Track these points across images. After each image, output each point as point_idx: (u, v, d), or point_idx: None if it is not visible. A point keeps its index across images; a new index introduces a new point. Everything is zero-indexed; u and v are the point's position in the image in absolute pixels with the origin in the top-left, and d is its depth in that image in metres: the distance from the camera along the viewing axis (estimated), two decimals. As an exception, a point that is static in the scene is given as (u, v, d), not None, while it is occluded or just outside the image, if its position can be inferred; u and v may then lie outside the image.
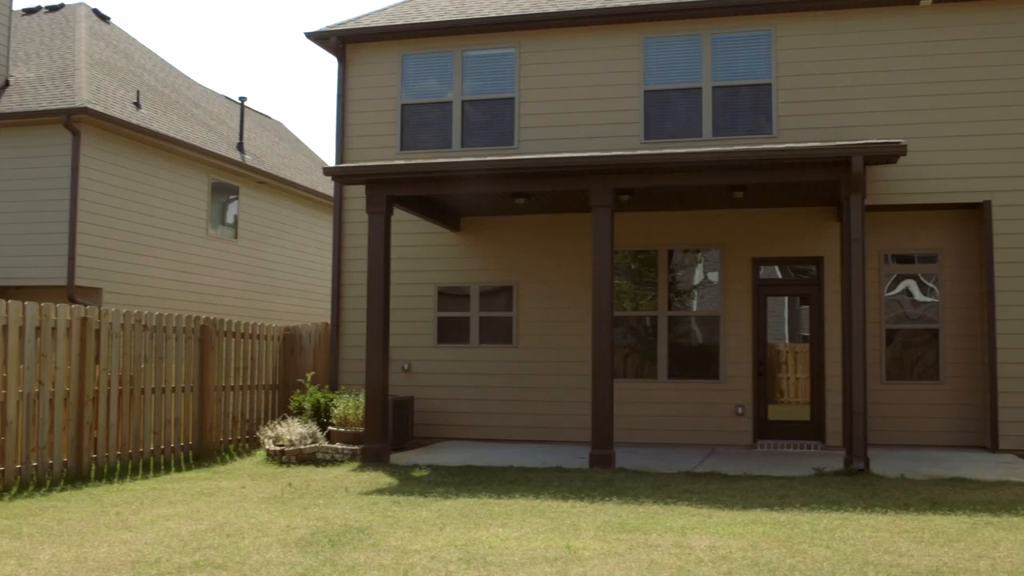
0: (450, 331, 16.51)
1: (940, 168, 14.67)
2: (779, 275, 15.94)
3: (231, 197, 22.44)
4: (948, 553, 7.58)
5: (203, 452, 14.30)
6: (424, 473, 12.33)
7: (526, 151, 15.96)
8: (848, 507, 9.62)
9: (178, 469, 13.31)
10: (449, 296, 16.62)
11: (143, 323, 13.36)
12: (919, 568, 7.08)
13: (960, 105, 14.78)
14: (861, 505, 9.73)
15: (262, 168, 23.17)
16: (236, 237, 22.57)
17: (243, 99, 24.31)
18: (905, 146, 12.18)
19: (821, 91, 15.20)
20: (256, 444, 15.42)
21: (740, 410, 15.35)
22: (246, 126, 24.68)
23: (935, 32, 14.96)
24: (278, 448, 13.70)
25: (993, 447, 14.30)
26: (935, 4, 14.92)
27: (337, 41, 16.93)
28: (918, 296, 15.38)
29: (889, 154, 12.33)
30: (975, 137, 14.68)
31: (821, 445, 14.98)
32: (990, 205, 14.56)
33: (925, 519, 9.02)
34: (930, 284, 15.28)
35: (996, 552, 7.62)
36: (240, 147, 23.26)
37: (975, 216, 15.04)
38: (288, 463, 13.50)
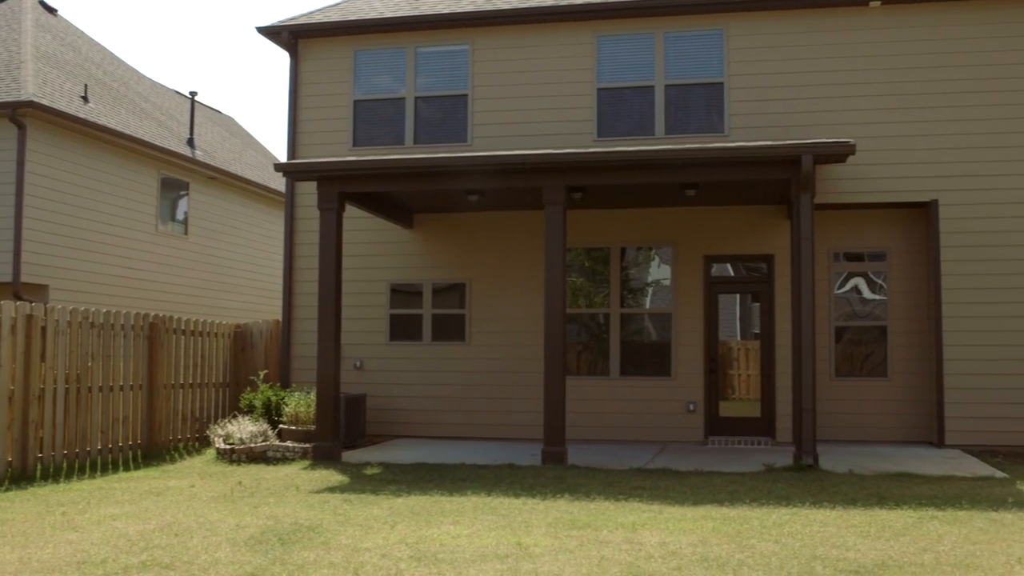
0: (403, 328, 16.45)
1: (889, 167, 14.86)
2: (731, 272, 16.05)
3: (181, 193, 22.19)
4: (894, 547, 7.68)
5: (152, 451, 14.14)
6: (376, 471, 12.27)
7: (479, 148, 15.95)
8: (797, 502, 9.72)
9: (126, 468, 13.13)
10: (402, 293, 16.56)
11: (90, 320, 13.17)
12: (865, 562, 7.17)
13: (908, 105, 14.98)
14: (810, 500, 9.83)
15: (213, 164, 22.93)
16: (186, 233, 22.32)
17: (193, 94, 24.03)
18: (854, 145, 12.32)
19: (772, 90, 15.33)
20: (206, 443, 15.27)
21: (691, 407, 15.44)
22: (196, 121, 24.40)
23: (884, 33, 15.14)
24: (228, 447, 13.57)
25: (939, 442, 14.50)
26: (884, 5, 15.10)
27: (289, 36, 16.80)
28: (867, 294, 15.56)
29: (838, 153, 12.46)
30: (923, 137, 14.88)
31: (771, 441, 15.12)
32: (937, 204, 14.76)
33: (872, 514, 9.13)
34: (879, 282, 15.47)
35: (940, 545, 7.73)
36: (190, 142, 23.00)
37: (922, 215, 15.25)
38: (238, 462, 13.37)
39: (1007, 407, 14.31)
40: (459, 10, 16.32)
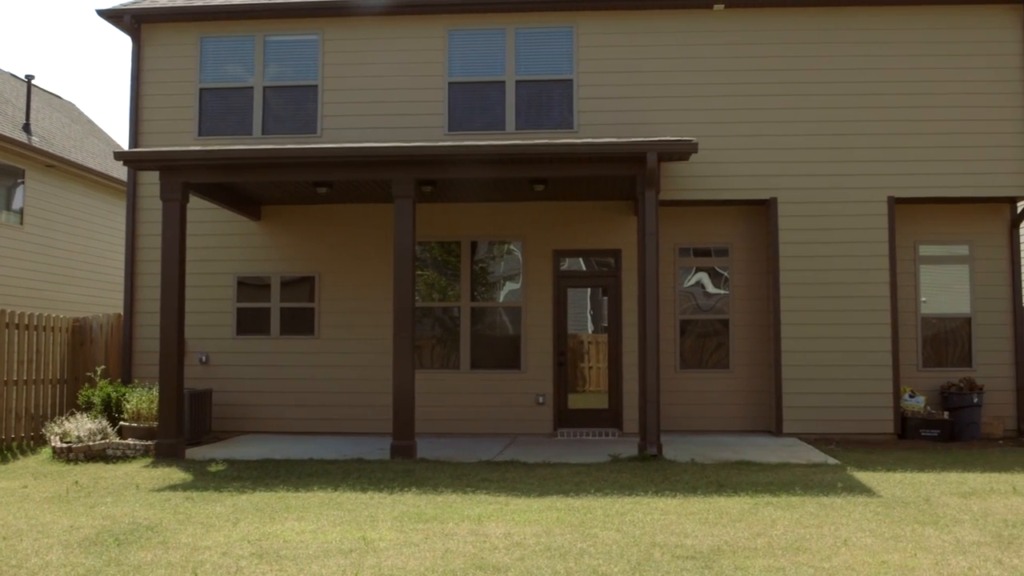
0: (250, 322, 16.14)
1: (731, 166, 15.33)
2: (583, 267, 16.27)
3: (17, 181, 21.24)
4: (730, 532, 7.94)
5: (-18, 451, 13.51)
6: (220, 468, 12.02)
7: (329, 140, 15.78)
8: (640, 491, 9.94)
9: (-47, 469, 12.53)
10: (249, 286, 16.24)
11: (-86, 314, 12.49)
12: (702, 547, 7.39)
13: (749, 106, 15.48)
14: (652, 489, 10.07)
15: (51, 151, 22.01)
16: (22, 224, 21.37)
17: (30, 77, 23.04)
18: (696, 144, 12.64)
19: (620, 88, 15.62)
20: (42, 442, 14.67)
21: (541, 399, 15.62)
22: (34, 106, 23.40)
23: (727, 35, 15.60)
24: (65, 445, 13.07)
25: (778, 431, 15.06)
26: (727, 8, 15.55)
27: (131, 20, 16.26)
28: (710, 288, 16.03)
29: (681, 151, 12.77)
30: (763, 137, 15.40)
31: (619, 432, 15.41)
32: (776, 202, 15.30)
33: (711, 501, 9.42)
34: (725, 274, 15.95)
35: (774, 530, 8.03)
36: (27, 128, 22.03)
37: (763, 212, 15.79)
38: (76, 461, 12.90)
39: (840, 397, 14.96)
40: (309, -1, 16.08)
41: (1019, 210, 15.64)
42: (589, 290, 16.42)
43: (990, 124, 15.28)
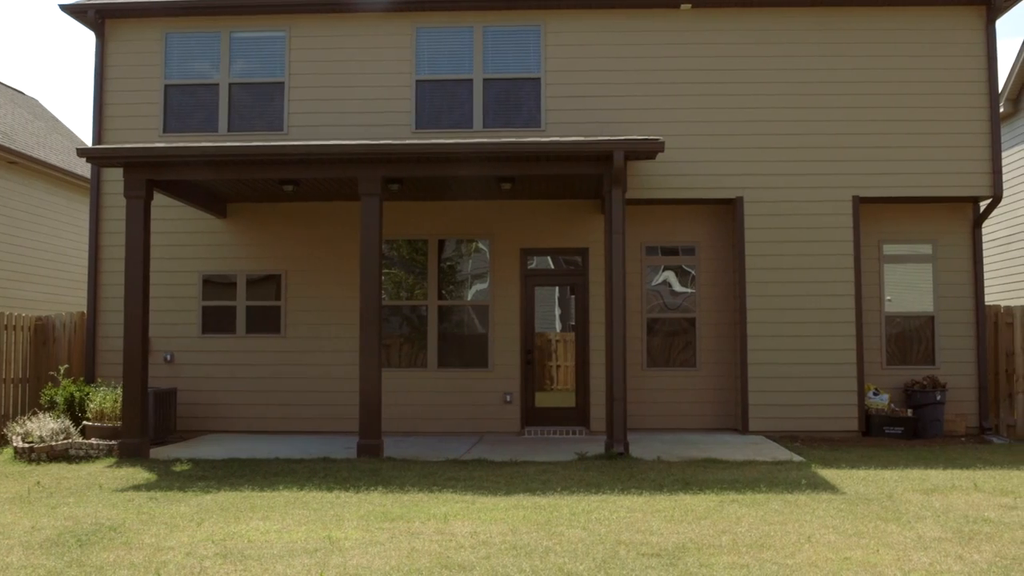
0: (216, 321, 16.03)
1: (698, 165, 15.39)
2: (550, 265, 16.27)
3: (-22, 178, 20.98)
4: (695, 530, 7.97)
5: (-58, 451, 13.33)
6: (185, 467, 11.93)
7: (296, 137, 15.69)
8: (606, 490, 9.96)
9: (-88, 470, 12.35)
10: (215, 284, 16.12)
11: None
12: (667, 545, 7.41)
13: (716, 106, 15.55)
14: (619, 487, 10.09)
15: (13, 147, 21.74)
16: (-16, 221, 21.12)
17: (-8, 74, 22.80)
18: (663, 143, 12.68)
19: (588, 87, 15.64)
20: (4, 442, 14.51)
21: (508, 398, 15.62)
22: (-4, 103, 23.11)
23: (694, 35, 15.66)
24: (27, 445, 12.92)
25: (744, 429, 15.14)
26: (694, 8, 15.61)
27: (95, 15, 16.10)
28: (677, 287, 16.08)
29: (648, 150, 12.80)
30: (730, 136, 15.47)
31: (586, 431, 15.44)
32: (742, 201, 15.38)
33: (677, 499, 9.45)
34: (692, 273, 16.01)
35: (738, 527, 8.07)
36: (-11, 125, 21.78)
37: (729, 211, 15.86)
38: (38, 461, 12.76)
39: (805, 394, 15.05)
40: (276, -4, 15.98)
41: (981, 210, 15.79)
42: (557, 288, 16.41)
43: (954, 124, 15.44)
